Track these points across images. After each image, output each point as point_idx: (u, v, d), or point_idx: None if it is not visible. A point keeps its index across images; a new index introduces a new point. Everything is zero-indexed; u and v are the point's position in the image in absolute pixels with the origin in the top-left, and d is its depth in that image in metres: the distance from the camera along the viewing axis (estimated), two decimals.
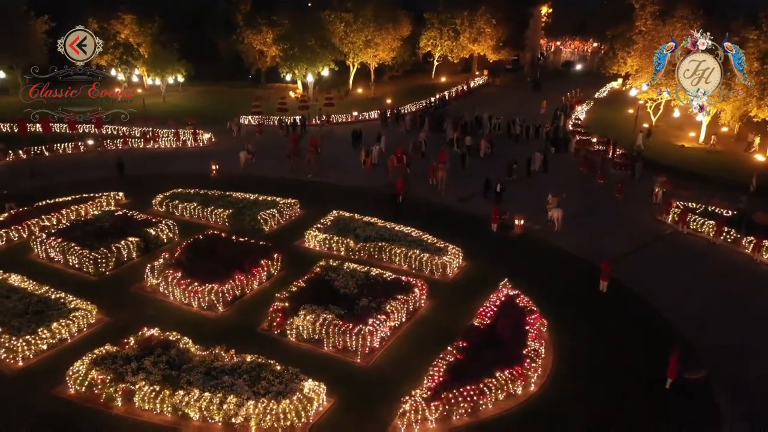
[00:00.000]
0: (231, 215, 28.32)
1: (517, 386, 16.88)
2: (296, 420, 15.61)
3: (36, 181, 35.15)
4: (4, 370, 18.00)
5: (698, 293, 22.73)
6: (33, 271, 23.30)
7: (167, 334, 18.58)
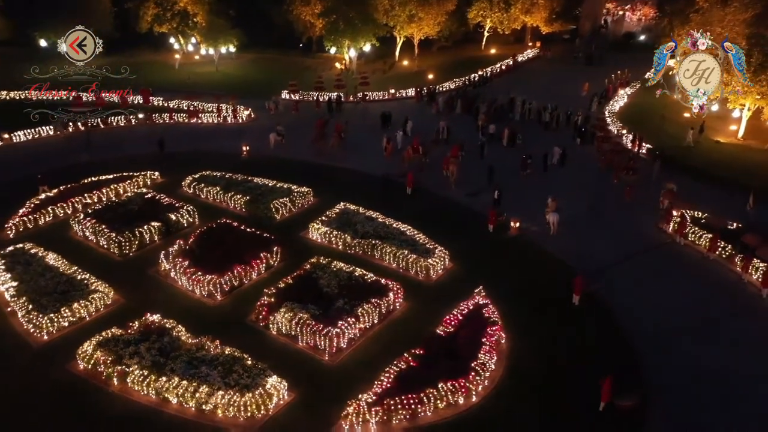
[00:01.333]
0: (248, 202, 30.69)
1: (458, 397, 18.54)
2: (256, 412, 18.03)
3: (89, 155, 38.70)
4: (30, 342, 21.35)
5: (674, 312, 23.18)
6: (69, 249, 26.69)
7: (165, 322, 21.33)
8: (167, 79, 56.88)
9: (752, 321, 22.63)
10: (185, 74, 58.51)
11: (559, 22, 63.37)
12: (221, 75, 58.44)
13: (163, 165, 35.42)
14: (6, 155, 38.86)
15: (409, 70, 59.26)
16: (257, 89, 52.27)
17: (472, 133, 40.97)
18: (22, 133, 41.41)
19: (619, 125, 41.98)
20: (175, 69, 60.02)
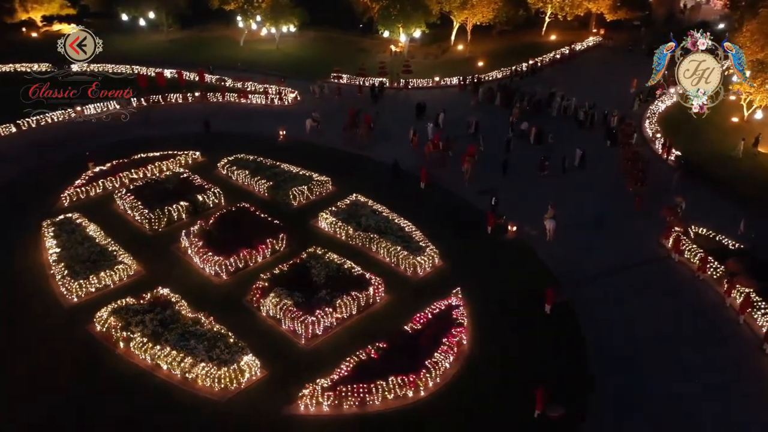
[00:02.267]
0: (270, 187, 33.30)
1: (406, 391, 20.45)
2: (229, 384, 20.78)
3: (147, 130, 42.62)
4: (62, 303, 25.10)
5: (644, 330, 23.74)
6: (109, 221, 30.44)
7: (171, 296, 24.45)
8: (231, 56, 60.19)
9: (721, 347, 22.84)
10: (248, 52, 61.67)
11: (624, 10, 61.11)
12: (280, 54, 61.09)
13: (205, 145, 38.63)
14: (78, 127, 43.40)
15: (461, 56, 59.50)
16: (313, 69, 54.42)
17: (505, 129, 41.42)
18: (93, 107, 45.94)
19: (654, 128, 41.02)
20: (240, 46, 63.24)
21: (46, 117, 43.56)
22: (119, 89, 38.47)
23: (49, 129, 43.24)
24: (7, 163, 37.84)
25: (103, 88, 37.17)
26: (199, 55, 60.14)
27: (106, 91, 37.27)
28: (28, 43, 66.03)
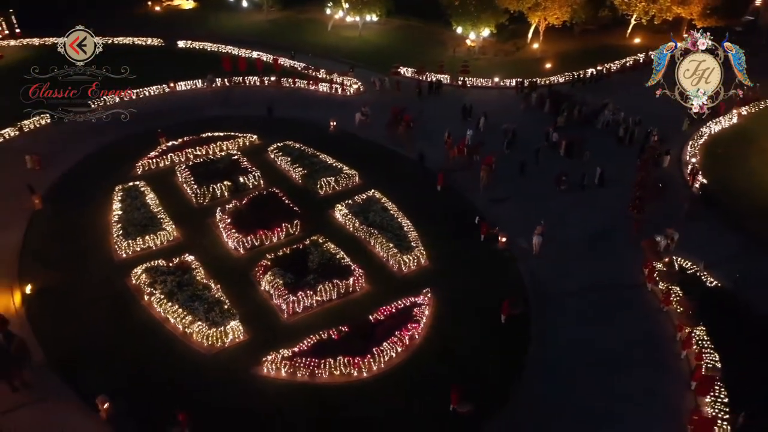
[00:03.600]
0: (304, 176, 37.68)
1: (351, 370, 24.27)
2: (216, 342, 25.69)
3: (223, 110, 48.45)
4: (114, 258, 31.24)
5: (589, 353, 25.45)
6: (167, 191, 36.35)
7: (193, 262, 29.74)
8: (316, 41, 64.82)
9: (654, 380, 24.23)
10: (333, 37, 65.96)
11: (714, 18, 58.28)
12: (361, 41, 64.77)
13: (264, 130, 43.62)
14: (169, 102, 50.28)
15: (533, 56, 59.98)
16: (387, 60, 57.44)
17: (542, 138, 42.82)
18: (184, 84, 52.63)
19: (693, 151, 40.50)
20: (328, 31, 67.68)
21: (145, 90, 50.82)
22: (119, 89, 38.89)
23: (146, 102, 50.23)
24: (109, 130, 45.09)
25: (103, 88, 37.58)
26: (288, 38, 65.40)
27: (106, 91, 37.90)
28: (150, 17, 74.70)
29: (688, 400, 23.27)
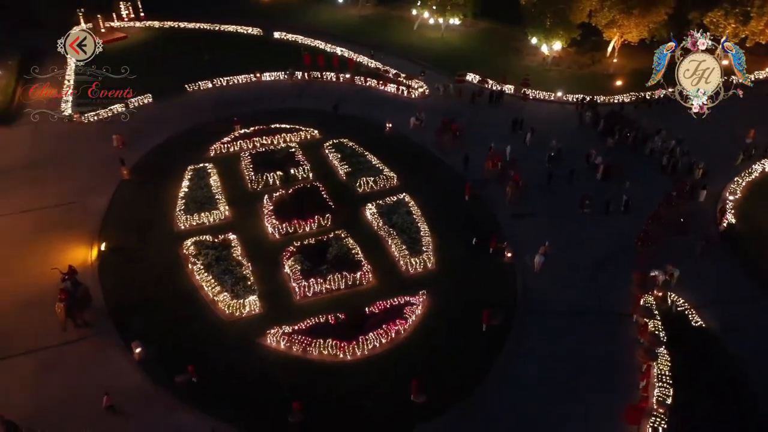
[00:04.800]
0: (348, 173, 41.67)
1: (336, 353, 28.22)
2: (235, 312, 30.60)
3: (297, 103, 53.36)
4: (174, 229, 37.05)
5: (555, 371, 27.58)
6: (229, 174, 41.77)
7: (234, 241, 34.85)
8: (398, 40, 67.79)
9: (607, 409, 26.12)
10: (416, 37, 68.73)
11: None
12: (441, 43, 67.07)
13: (328, 125, 48.00)
14: (253, 91, 56.02)
15: (606, 71, 59.51)
16: (462, 64, 59.04)
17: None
18: (268, 75, 58.15)
19: (735, 189, 39.93)
20: (413, 30, 70.62)
21: (234, 78, 56.94)
22: (119, 89, 40.04)
23: (233, 89, 56.36)
24: (203, 112, 51.63)
25: (103, 88, 38.06)
26: (374, 35, 69.10)
27: (105, 91, 38.20)
28: (258, 6, 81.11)
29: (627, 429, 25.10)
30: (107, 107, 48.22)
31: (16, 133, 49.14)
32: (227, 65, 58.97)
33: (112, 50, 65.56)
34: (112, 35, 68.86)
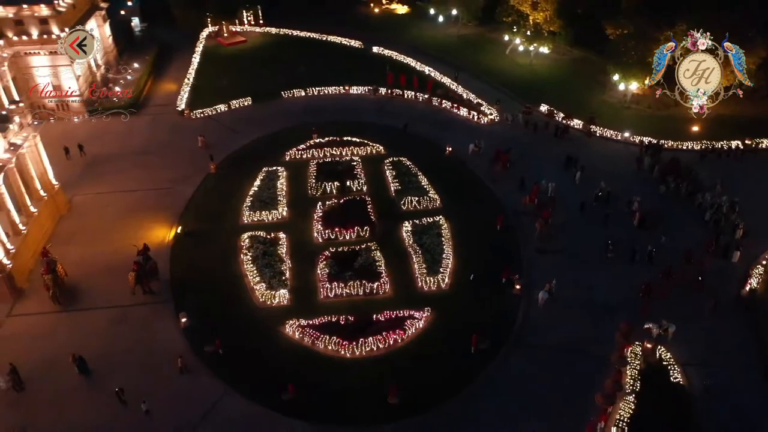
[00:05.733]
0: (397, 190, 45.91)
1: (338, 349, 32.86)
2: (267, 301, 36.23)
3: (374, 118, 58.14)
4: (239, 222, 43.41)
5: (520, 397, 30.51)
6: (296, 177, 47.64)
7: (282, 239, 40.57)
8: (488, 64, 70.41)
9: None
10: (506, 62, 70.90)
11: None
12: (528, 70, 68.61)
13: (394, 143, 52.45)
14: (339, 102, 61.69)
15: (688, 115, 58.27)
16: (541, 93, 60.69)
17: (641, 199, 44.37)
18: (356, 88, 63.52)
19: None
20: (505, 54, 72.83)
21: (324, 90, 63.04)
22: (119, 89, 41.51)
23: (323, 99, 62.45)
24: (291, 117, 58.19)
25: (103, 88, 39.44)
26: (466, 56, 72.25)
27: (105, 90, 39.63)
28: (367, 18, 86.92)
29: None
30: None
31: (139, 122, 58.08)
32: (324, 75, 65.17)
33: (231, 52, 75.27)
34: (234, 39, 77.85)
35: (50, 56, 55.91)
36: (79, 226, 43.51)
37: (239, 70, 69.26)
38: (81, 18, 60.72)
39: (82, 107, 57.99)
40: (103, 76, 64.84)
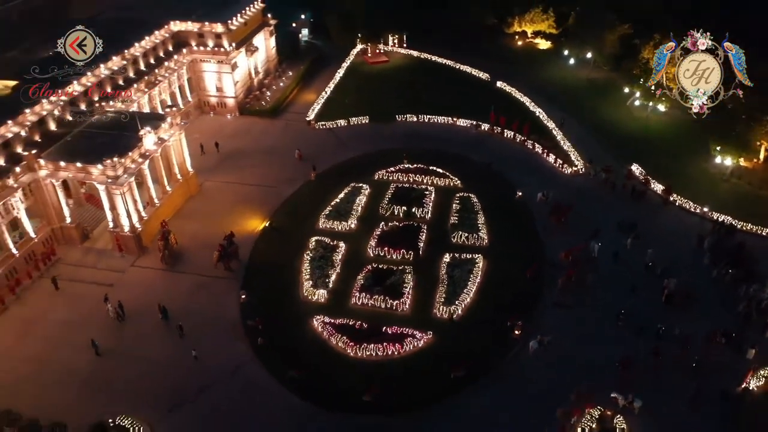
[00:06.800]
0: (453, 224, 51.54)
1: (345, 348, 40.25)
2: (308, 297, 44.74)
3: (469, 153, 63.41)
4: (315, 227, 52.41)
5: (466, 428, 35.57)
6: (376, 197, 55.38)
7: (340, 247, 48.79)
8: (604, 114, 70.77)
9: None
10: (624, 114, 70.83)
11: None
12: (640, 126, 67.18)
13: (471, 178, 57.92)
14: (443, 131, 67.99)
15: None
16: (643, 152, 60.92)
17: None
18: (462, 121, 69.23)
19: None
20: (624, 106, 72.98)
21: (434, 118, 69.68)
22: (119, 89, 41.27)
23: (429, 127, 69.26)
24: (395, 139, 65.96)
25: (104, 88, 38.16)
26: (583, 101, 73.73)
27: (105, 91, 38.72)
28: (507, 50, 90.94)
29: None
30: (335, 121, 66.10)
31: (275, 126, 70.19)
32: (442, 102, 71.67)
33: (372, 70, 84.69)
34: (378, 58, 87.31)
35: (217, 64, 70.12)
36: (201, 207, 55.71)
37: (371, 88, 78.21)
38: (249, 34, 74.46)
39: (235, 107, 72.23)
40: (260, 82, 78.67)
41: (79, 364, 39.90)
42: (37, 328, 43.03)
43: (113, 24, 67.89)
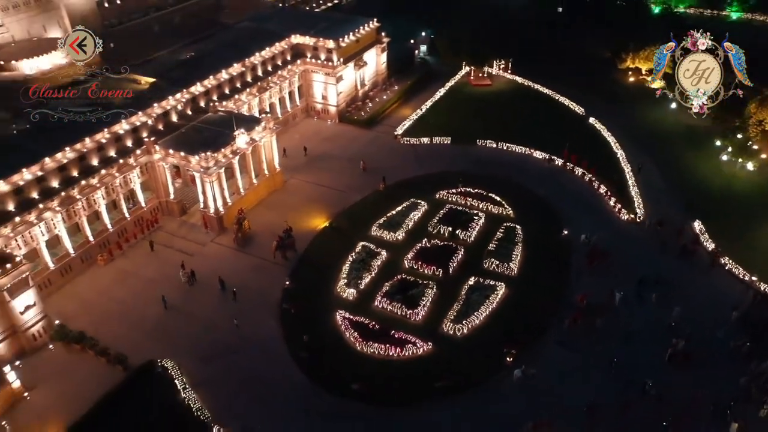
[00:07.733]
0: (489, 251, 55.36)
1: (354, 342, 46.56)
2: (340, 293, 51.66)
3: (534, 186, 65.74)
4: (367, 233, 59.00)
5: None
6: (428, 214, 60.69)
7: (381, 255, 55.04)
8: (689, 161, 69.00)
9: None
10: (707, 164, 68.94)
11: None
12: (722, 180, 63.87)
13: (525, 211, 61.04)
14: (518, 160, 71.10)
15: None
16: (712, 210, 59.91)
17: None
18: (538, 153, 71.72)
19: None
20: (716, 157, 70.55)
21: (511, 147, 72.86)
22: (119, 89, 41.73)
23: (506, 154, 72.58)
24: (467, 163, 70.30)
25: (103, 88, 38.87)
26: (673, 148, 72.09)
27: (105, 91, 39.70)
28: (614, 84, 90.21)
29: None
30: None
31: (366, 136, 77.49)
32: (528, 131, 74.72)
33: (473, 92, 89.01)
34: (481, 81, 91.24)
35: (324, 75, 78.98)
36: (281, 201, 64.68)
37: (464, 110, 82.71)
38: (360, 50, 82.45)
39: (335, 114, 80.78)
40: (365, 93, 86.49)
41: (150, 313, 50.23)
42: (131, 279, 54.25)
43: (247, 32, 79.72)
